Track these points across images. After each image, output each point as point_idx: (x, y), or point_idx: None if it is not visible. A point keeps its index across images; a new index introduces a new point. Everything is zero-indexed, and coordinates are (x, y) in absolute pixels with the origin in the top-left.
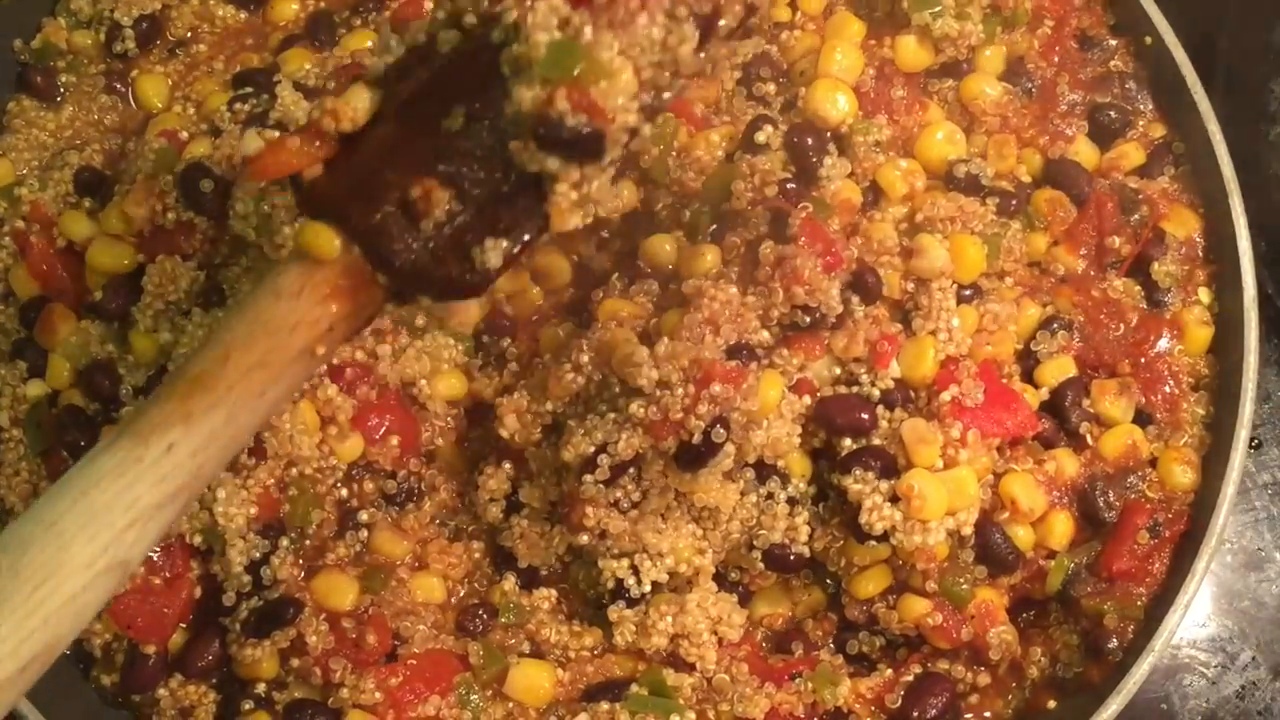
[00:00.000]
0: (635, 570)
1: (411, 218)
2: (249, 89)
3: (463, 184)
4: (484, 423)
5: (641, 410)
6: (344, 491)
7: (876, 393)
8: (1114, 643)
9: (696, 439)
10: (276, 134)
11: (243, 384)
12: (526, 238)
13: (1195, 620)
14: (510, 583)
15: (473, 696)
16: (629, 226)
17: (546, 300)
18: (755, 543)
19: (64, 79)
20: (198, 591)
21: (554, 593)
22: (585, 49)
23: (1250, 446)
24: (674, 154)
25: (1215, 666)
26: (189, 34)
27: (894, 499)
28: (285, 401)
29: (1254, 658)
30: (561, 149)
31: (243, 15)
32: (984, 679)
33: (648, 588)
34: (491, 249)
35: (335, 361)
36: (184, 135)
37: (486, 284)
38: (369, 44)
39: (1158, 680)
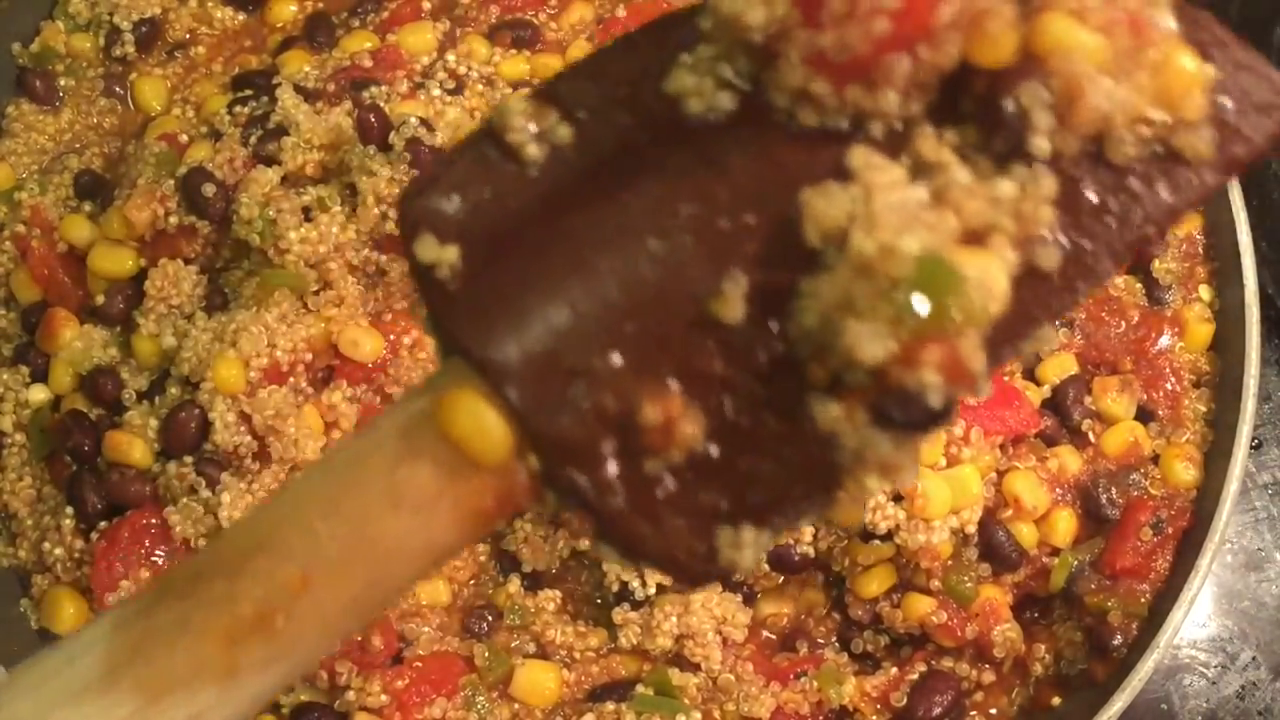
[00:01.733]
0: (640, 573)
1: (632, 449)
2: (248, 91)
3: (721, 421)
4: None
5: None
6: None
7: None
8: (1118, 639)
9: None
10: None
11: (321, 629)
12: (793, 527)
13: (1195, 620)
14: (515, 585)
15: (479, 698)
16: None
17: None
18: None
19: (63, 82)
20: None
21: (559, 594)
22: (967, 278)
23: (1250, 446)
24: None
25: (1215, 667)
26: (187, 36)
27: (897, 498)
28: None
29: (1254, 658)
30: (903, 429)
31: (241, 17)
32: (988, 677)
33: (652, 590)
34: (749, 543)
35: (335, 363)
36: (184, 138)
37: (717, 579)
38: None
39: (1158, 680)
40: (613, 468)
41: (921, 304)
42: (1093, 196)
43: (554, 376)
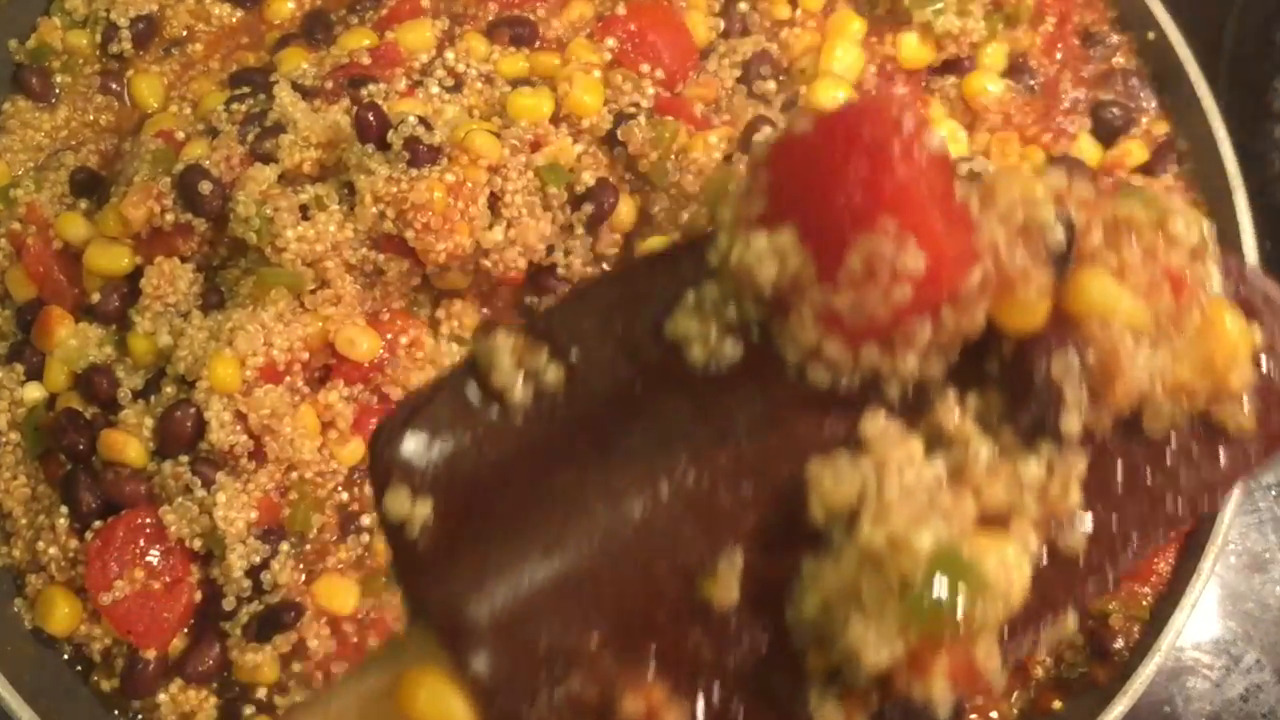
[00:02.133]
0: None
1: None
2: (246, 89)
3: (712, 714)
4: None
5: None
6: (345, 495)
7: None
8: (1120, 643)
9: None
10: None
11: None
12: None
13: (1199, 622)
14: None
15: None
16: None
17: None
18: None
19: (59, 79)
20: (198, 596)
21: None
22: (985, 577)
23: None
24: (673, 157)
25: (1219, 669)
26: (184, 33)
27: None
28: None
29: (1258, 660)
30: None
31: (238, 14)
32: None
33: None
34: None
35: (332, 362)
36: (180, 135)
37: None
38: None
39: (1161, 682)
40: None
41: (934, 607)
42: (1124, 473)
43: (527, 657)
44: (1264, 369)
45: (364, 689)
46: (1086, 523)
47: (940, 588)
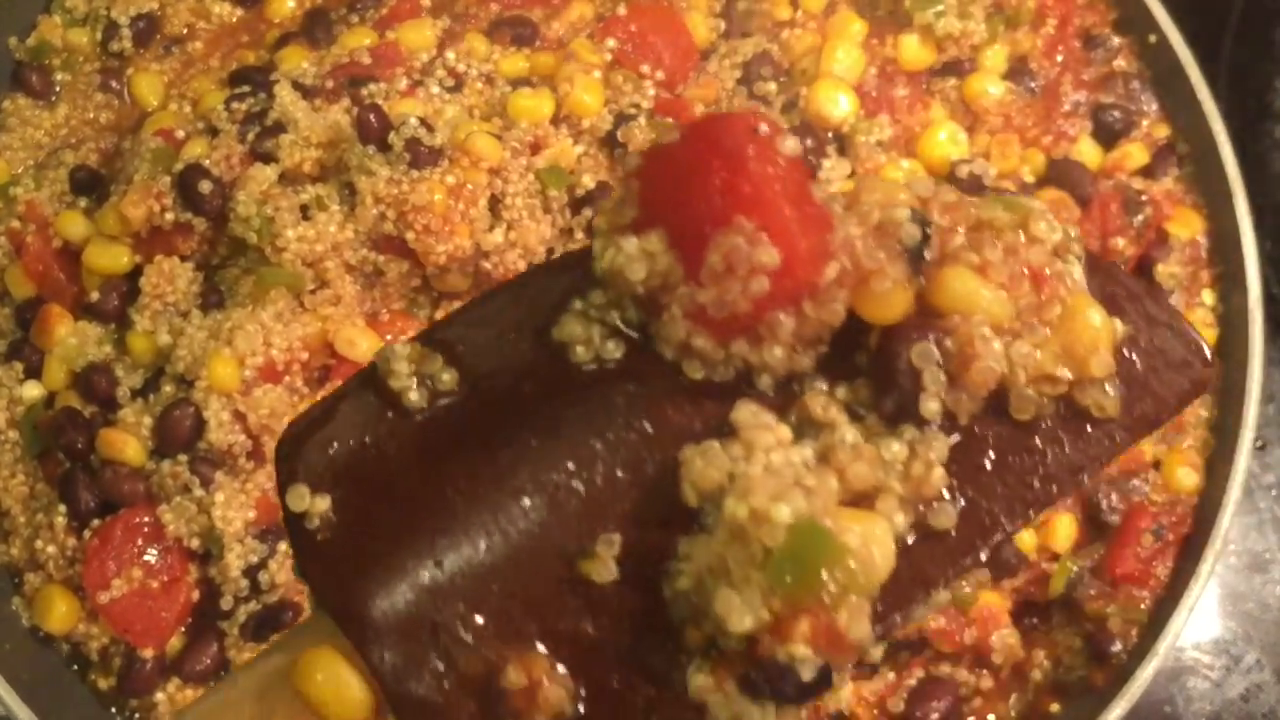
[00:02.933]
0: None
1: (495, 713)
2: (246, 87)
3: (590, 686)
4: None
5: None
6: None
7: None
8: (1117, 646)
9: None
10: None
11: None
12: None
13: (1199, 623)
14: None
15: None
16: None
17: None
18: None
19: (59, 77)
20: (195, 595)
21: None
22: (843, 547)
23: (1255, 447)
24: None
25: (1219, 669)
26: (185, 31)
27: None
28: None
29: (1259, 660)
30: (774, 699)
31: (239, 12)
32: (987, 683)
33: None
34: None
35: (331, 362)
36: (180, 134)
37: None
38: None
39: (1162, 683)
40: None
41: (792, 574)
42: (993, 455)
43: (417, 637)
44: (1128, 358)
45: (266, 669)
46: (956, 499)
47: (798, 557)
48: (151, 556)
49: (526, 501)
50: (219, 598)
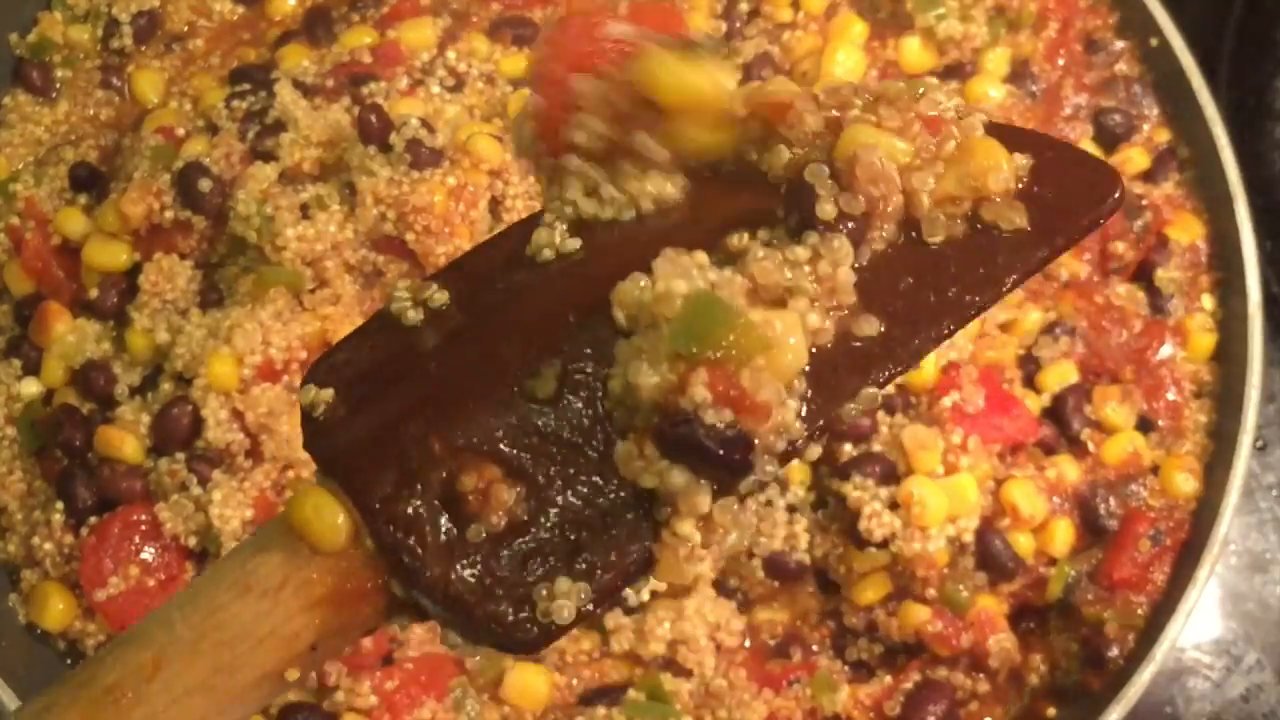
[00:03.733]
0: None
1: (458, 517)
2: (246, 85)
3: (539, 485)
4: None
5: None
6: None
7: None
8: (1114, 651)
9: None
10: None
11: (171, 713)
12: (618, 585)
13: (1199, 623)
14: None
15: (468, 700)
16: None
17: None
18: (755, 550)
19: (60, 74)
20: None
21: None
22: (737, 310)
23: (1256, 448)
24: None
25: (1220, 669)
26: (186, 28)
27: (894, 505)
28: None
29: (1259, 660)
30: (692, 455)
31: (240, 10)
32: (983, 686)
33: (646, 596)
34: (564, 594)
35: None
36: (180, 132)
37: (546, 641)
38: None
39: (1162, 683)
40: (436, 531)
41: (689, 337)
42: (913, 274)
43: (383, 459)
44: (1032, 184)
45: (265, 526)
46: (877, 311)
47: (692, 321)
48: (149, 554)
49: (484, 345)
50: None
